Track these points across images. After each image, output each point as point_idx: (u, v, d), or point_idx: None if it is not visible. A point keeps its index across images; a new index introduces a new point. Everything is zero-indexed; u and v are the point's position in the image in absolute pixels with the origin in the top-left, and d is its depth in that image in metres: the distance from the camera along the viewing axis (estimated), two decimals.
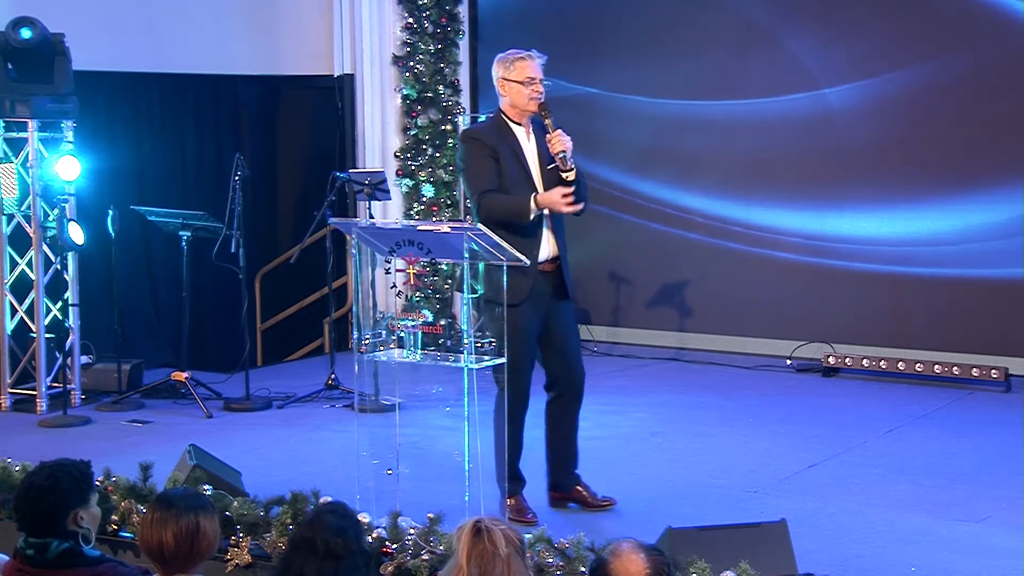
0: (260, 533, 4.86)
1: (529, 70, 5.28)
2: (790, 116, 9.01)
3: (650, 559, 3.22)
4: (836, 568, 4.68)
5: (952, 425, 7.10)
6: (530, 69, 5.29)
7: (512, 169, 5.27)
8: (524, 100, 5.29)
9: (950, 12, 8.45)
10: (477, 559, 3.15)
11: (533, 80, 5.28)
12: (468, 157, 5.29)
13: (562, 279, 5.34)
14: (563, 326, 5.38)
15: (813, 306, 8.99)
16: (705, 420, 7.25)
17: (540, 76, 5.30)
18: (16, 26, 7.56)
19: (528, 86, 5.27)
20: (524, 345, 5.22)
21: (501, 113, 5.39)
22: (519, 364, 5.18)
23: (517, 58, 5.30)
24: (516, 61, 5.30)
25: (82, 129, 8.03)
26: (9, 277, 7.80)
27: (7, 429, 7.27)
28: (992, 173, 8.30)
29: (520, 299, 5.17)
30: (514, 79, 5.29)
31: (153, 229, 8.65)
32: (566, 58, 9.86)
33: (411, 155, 9.79)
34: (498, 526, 3.20)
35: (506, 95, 5.34)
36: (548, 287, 5.31)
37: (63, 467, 3.75)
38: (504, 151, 5.27)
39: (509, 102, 5.34)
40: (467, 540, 3.18)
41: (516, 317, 5.12)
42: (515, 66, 5.29)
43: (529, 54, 5.32)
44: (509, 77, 5.30)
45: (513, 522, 5.07)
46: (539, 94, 5.29)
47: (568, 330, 5.42)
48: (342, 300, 9.92)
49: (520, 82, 5.28)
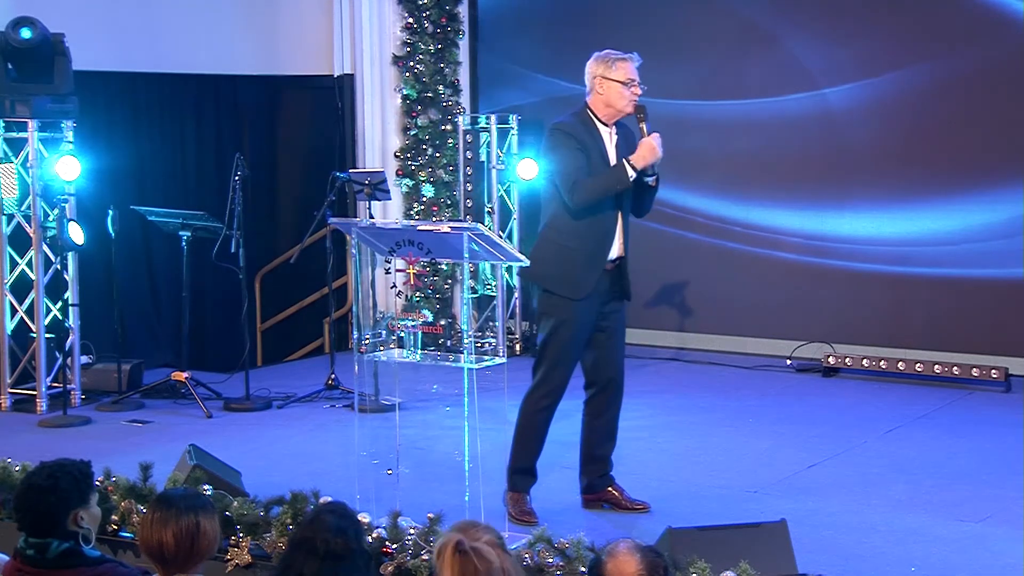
0: (260, 533, 4.86)
1: (631, 71, 5.22)
2: (790, 116, 9.01)
3: (645, 560, 3.22)
4: (836, 568, 4.69)
5: (952, 425, 7.10)
6: (632, 71, 5.23)
7: (598, 168, 5.21)
8: (623, 101, 5.22)
9: (950, 12, 8.45)
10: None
11: (633, 82, 5.22)
12: (557, 148, 5.22)
13: (622, 280, 5.34)
14: (615, 327, 5.37)
15: (813, 306, 8.99)
16: (705, 420, 7.25)
17: (639, 80, 5.24)
18: (16, 26, 7.56)
19: (628, 87, 5.21)
20: (576, 340, 5.25)
21: (588, 110, 5.29)
22: (565, 358, 5.24)
23: (619, 58, 5.23)
24: (618, 61, 5.22)
25: (82, 129, 8.03)
26: (9, 277, 7.80)
27: (7, 429, 7.27)
28: (992, 173, 8.30)
29: (583, 295, 5.19)
30: (615, 79, 5.21)
31: (153, 229, 8.65)
32: (566, 58, 9.86)
33: (411, 155, 9.79)
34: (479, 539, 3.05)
35: (603, 94, 5.24)
36: (608, 285, 5.30)
37: (63, 467, 3.75)
38: (591, 148, 5.22)
39: (604, 101, 5.24)
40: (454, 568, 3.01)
41: (575, 312, 5.19)
42: (617, 66, 5.21)
43: (631, 56, 5.26)
44: (609, 76, 5.21)
45: (513, 520, 5.08)
46: (637, 96, 5.24)
47: (619, 331, 5.41)
48: (342, 300, 9.92)
49: (621, 82, 5.20)
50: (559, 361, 5.26)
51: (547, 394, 5.31)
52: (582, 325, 5.25)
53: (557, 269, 5.21)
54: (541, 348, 5.32)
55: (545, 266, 5.22)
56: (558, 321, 5.23)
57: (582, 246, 5.21)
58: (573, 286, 5.18)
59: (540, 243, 5.32)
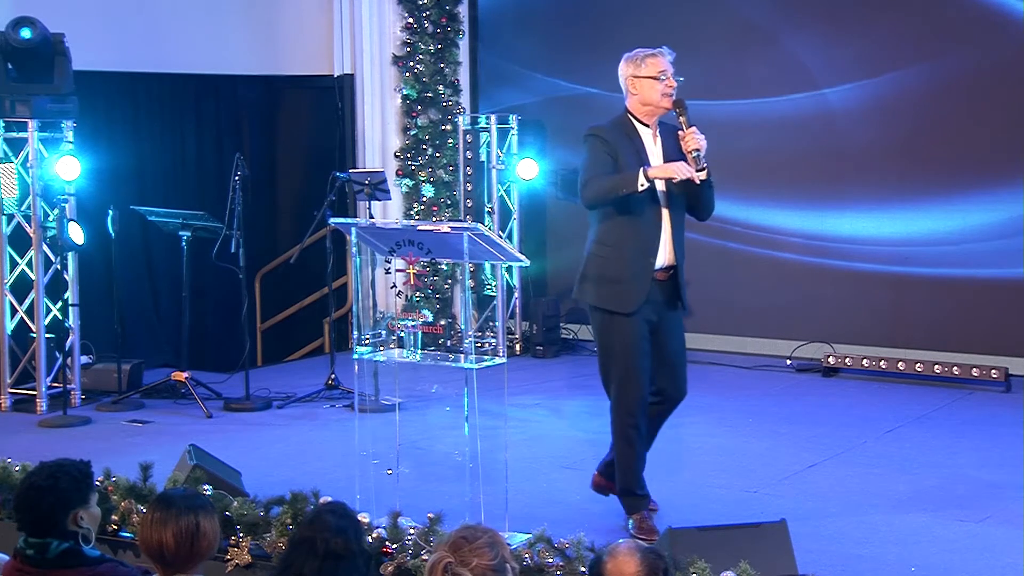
0: (260, 533, 4.86)
1: (661, 64, 5.07)
2: (790, 116, 9.01)
3: (645, 560, 3.22)
4: (836, 568, 4.69)
5: (952, 425, 7.10)
6: (663, 63, 5.08)
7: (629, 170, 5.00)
8: (657, 96, 5.07)
9: (950, 12, 8.45)
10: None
11: (666, 74, 5.07)
12: (586, 152, 5.12)
13: (676, 289, 5.14)
14: (672, 337, 5.17)
15: (813, 306, 8.99)
16: (705, 420, 7.25)
17: (672, 72, 5.09)
18: (16, 26, 7.56)
19: (661, 80, 5.06)
20: (638, 354, 5.06)
21: (628, 113, 5.16)
22: (631, 374, 5.06)
23: (647, 55, 5.09)
24: (647, 57, 5.09)
25: (82, 129, 8.03)
26: (9, 277, 7.80)
27: (7, 429, 7.27)
28: (992, 173, 8.30)
29: (633, 308, 5.02)
30: (645, 75, 5.07)
31: (153, 229, 8.65)
32: (566, 58, 9.88)
33: (411, 155, 9.79)
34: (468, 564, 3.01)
35: (636, 93, 5.11)
36: (661, 296, 5.11)
37: (63, 467, 3.76)
38: (625, 150, 5.06)
39: (640, 100, 5.11)
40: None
41: (629, 326, 5.03)
42: (646, 62, 5.08)
43: (660, 50, 5.11)
44: (640, 74, 5.08)
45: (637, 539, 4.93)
46: (672, 89, 5.08)
47: (677, 342, 5.20)
48: (342, 300, 9.92)
49: (653, 77, 5.06)
50: (626, 379, 5.07)
51: (630, 413, 5.11)
52: (639, 337, 5.06)
53: (605, 285, 5.05)
54: (603, 368, 5.16)
55: (593, 283, 5.09)
56: (615, 339, 5.07)
57: (627, 257, 5.04)
58: (623, 300, 5.02)
59: (586, 260, 5.15)
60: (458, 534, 3.13)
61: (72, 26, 7.95)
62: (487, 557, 3.04)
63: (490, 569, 3.03)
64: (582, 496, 5.74)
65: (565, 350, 9.54)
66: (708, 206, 5.20)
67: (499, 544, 3.12)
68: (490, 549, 3.07)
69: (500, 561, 3.07)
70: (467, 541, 3.07)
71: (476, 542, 3.07)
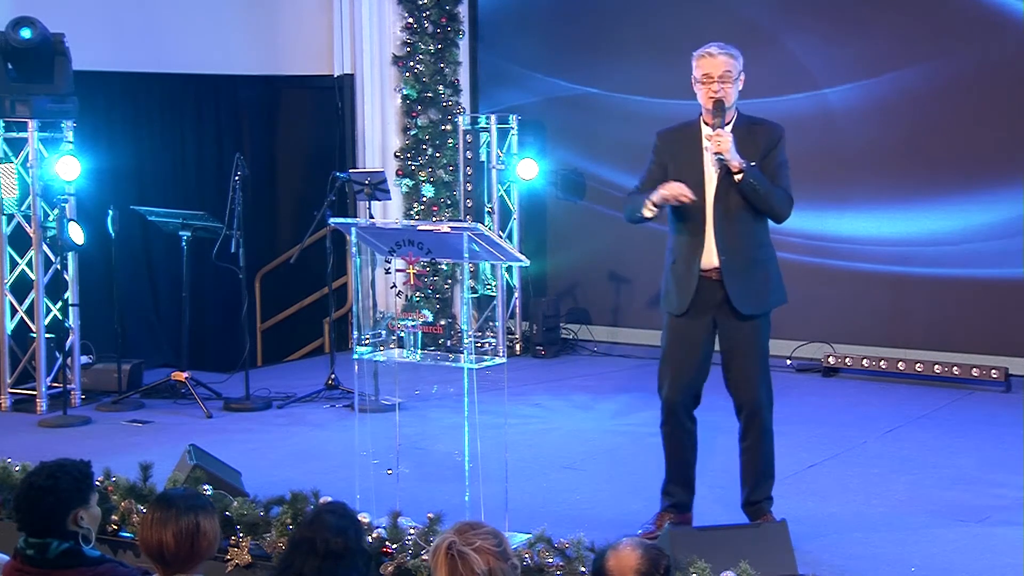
0: (260, 533, 4.86)
1: (705, 66, 4.91)
2: (790, 116, 8.98)
3: (647, 554, 3.24)
4: (836, 568, 4.69)
5: (952, 425, 7.10)
6: (706, 65, 4.91)
7: (686, 174, 4.94)
8: (703, 100, 4.93)
9: (950, 12, 8.45)
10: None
11: (710, 79, 4.89)
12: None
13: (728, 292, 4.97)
14: (733, 344, 5.04)
15: (813, 306, 8.98)
16: (705, 420, 7.22)
17: (718, 73, 4.88)
18: (16, 26, 7.56)
19: (706, 84, 4.92)
20: (679, 358, 5.07)
21: (700, 115, 5.02)
22: (669, 376, 5.11)
23: (698, 56, 4.95)
24: (697, 59, 4.95)
25: (82, 129, 8.03)
26: (9, 277, 7.80)
27: (7, 429, 7.27)
28: (992, 173, 8.30)
29: (683, 309, 5.01)
30: (696, 78, 4.95)
31: (153, 229, 8.65)
32: (566, 58, 9.88)
33: (411, 155, 9.79)
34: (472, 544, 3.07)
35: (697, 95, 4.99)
36: (716, 297, 4.99)
37: (63, 467, 3.75)
38: (682, 155, 4.98)
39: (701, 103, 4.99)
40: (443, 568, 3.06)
41: (677, 327, 5.07)
42: (696, 64, 4.95)
43: (708, 50, 4.93)
44: (693, 76, 4.96)
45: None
46: (715, 93, 4.89)
47: (737, 350, 5.03)
48: (342, 300, 9.92)
49: (700, 81, 4.94)
50: (664, 379, 5.12)
51: (662, 412, 5.19)
52: (687, 342, 5.04)
53: (664, 286, 5.12)
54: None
55: (662, 285, 5.16)
56: (664, 338, 5.15)
57: (678, 258, 5.05)
58: (673, 301, 5.04)
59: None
60: (462, 522, 3.19)
61: (72, 26, 7.95)
62: (491, 542, 3.09)
63: (493, 555, 3.06)
64: (582, 496, 5.75)
65: (565, 350, 9.54)
66: (768, 210, 4.97)
67: (503, 536, 3.18)
68: (494, 536, 3.12)
69: (504, 549, 3.11)
70: (471, 527, 3.14)
71: (481, 529, 3.13)
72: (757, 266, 5.02)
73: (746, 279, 4.99)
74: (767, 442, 5.14)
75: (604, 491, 5.85)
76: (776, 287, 5.11)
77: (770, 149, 5.02)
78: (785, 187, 5.02)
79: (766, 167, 4.97)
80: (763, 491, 5.14)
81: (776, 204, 4.97)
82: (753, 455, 5.15)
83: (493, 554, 3.07)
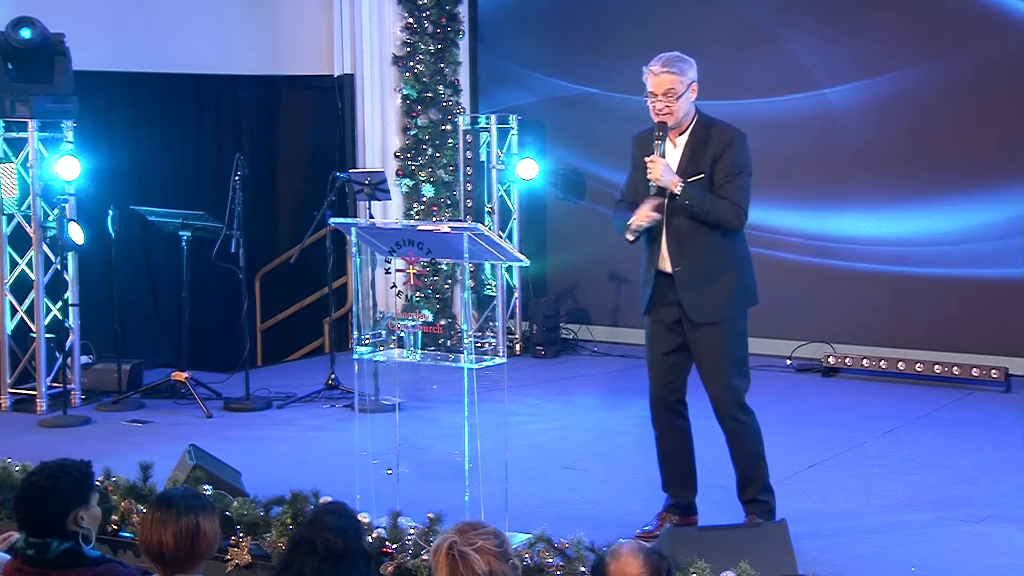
0: (260, 533, 4.86)
1: (649, 83, 4.91)
2: (790, 116, 9.01)
3: (649, 561, 3.21)
4: (836, 568, 4.69)
5: (952, 425, 7.10)
6: (650, 83, 4.91)
7: (641, 180, 5.03)
8: (653, 115, 4.94)
9: (950, 12, 8.45)
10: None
11: (654, 96, 4.90)
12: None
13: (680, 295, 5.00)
14: (694, 347, 5.06)
15: (813, 306, 8.99)
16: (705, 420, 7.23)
17: (661, 91, 4.86)
18: (16, 26, 7.56)
19: (651, 101, 4.92)
20: (652, 354, 5.15)
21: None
22: (650, 371, 5.19)
23: (645, 70, 4.93)
24: (645, 73, 4.93)
25: (82, 129, 8.03)
26: (9, 277, 7.80)
27: (7, 429, 7.27)
28: (992, 173, 8.30)
29: (644, 308, 5.12)
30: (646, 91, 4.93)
31: (153, 229, 8.65)
32: (566, 58, 9.88)
33: (411, 155, 9.79)
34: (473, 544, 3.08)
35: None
36: (672, 300, 5.02)
37: (63, 467, 3.75)
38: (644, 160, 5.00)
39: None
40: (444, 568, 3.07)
41: (648, 326, 5.16)
42: (644, 77, 4.93)
43: (652, 67, 4.91)
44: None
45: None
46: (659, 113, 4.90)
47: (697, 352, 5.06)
48: (342, 300, 9.92)
49: (647, 95, 4.94)
50: (648, 374, 5.21)
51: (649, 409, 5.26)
52: (656, 339, 5.11)
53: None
54: None
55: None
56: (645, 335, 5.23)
57: (645, 260, 5.14)
58: (642, 300, 5.14)
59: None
60: (464, 522, 3.20)
61: (72, 26, 7.95)
62: (492, 543, 3.10)
63: (494, 555, 3.06)
64: (582, 496, 5.75)
65: (565, 350, 9.54)
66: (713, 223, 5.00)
67: (504, 536, 3.18)
68: (495, 536, 3.13)
69: (504, 550, 3.11)
70: (473, 527, 3.14)
71: (482, 529, 3.14)
72: (715, 275, 5.04)
73: (701, 288, 5.02)
74: (743, 445, 5.14)
75: (604, 491, 5.84)
76: (740, 292, 5.14)
77: (719, 154, 4.99)
78: (733, 197, 5.00)
79: (717, 173, 4.98)
80: (749, 493, 5.14)
81: (720, 217, 4.98)
82: (733, 455, 5.19)
83: (494, 554, 3.07)
